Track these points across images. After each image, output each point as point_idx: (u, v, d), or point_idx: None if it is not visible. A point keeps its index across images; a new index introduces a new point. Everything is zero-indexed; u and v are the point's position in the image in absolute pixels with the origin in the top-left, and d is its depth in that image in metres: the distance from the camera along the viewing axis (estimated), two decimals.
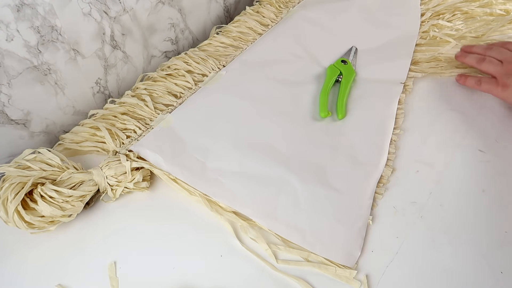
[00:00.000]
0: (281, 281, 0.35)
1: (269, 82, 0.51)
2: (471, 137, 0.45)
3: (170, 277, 0.35)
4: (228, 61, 0.54)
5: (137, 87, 0.50)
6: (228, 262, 0.36)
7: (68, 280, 0.35)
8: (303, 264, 0.35)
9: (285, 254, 0.36)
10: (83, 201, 0.38)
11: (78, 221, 0.39)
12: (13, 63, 0.39)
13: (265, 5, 0.62)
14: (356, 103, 0.49)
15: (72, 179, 0.38)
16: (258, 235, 0.37)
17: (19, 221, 0.35)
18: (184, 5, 0.56)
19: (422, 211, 0.39)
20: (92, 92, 0.49)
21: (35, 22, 0.39)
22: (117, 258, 0.36)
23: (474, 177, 0.42)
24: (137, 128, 0.45)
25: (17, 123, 0.42)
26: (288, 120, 0.47)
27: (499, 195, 0.40)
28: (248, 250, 0.37)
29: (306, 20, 0.60)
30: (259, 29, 0.59)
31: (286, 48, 0.56)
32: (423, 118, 0.47)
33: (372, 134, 0.45)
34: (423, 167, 0.43)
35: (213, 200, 0.40)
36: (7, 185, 0.35)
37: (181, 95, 0.49)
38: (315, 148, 0.44)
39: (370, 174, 0.41)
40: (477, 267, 0.35)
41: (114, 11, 0.46)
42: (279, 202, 0.39)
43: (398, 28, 0.59)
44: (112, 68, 0.50)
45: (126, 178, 0.40)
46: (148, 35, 0.53)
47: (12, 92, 0.40)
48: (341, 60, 0.53)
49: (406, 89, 0.50)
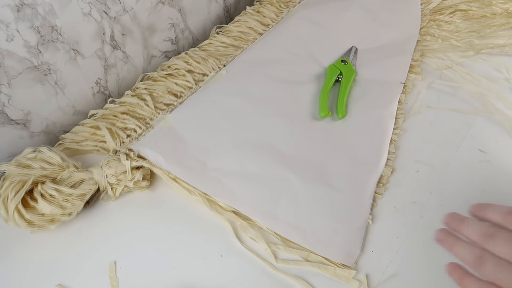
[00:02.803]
0: (281, 280, 0.35)
1: (270, 81, 0.51)
2: (471, 137, 0.45)
3: (170, 277, 0.35)
4: (229, 61, 0.54)
5: (137, 87, 0.50)
6: (228, 262, 0.36)
7: (68, 280, 0.35)
8: (302, 264, 0.35)
9: (285, 253, 0.36)
10: (83, 200, 0.38)
11: (78, 220, 0.39)
12: (13, 63, 0.39)
13: (266, 5, 0.62)
14: (356, 103, 0.49)
15: (73, 177, 0.38)
16: (258, 235, 0.37)
17: (19, 220, 0.35)
18: (184, 5, 0.56)
19: (422, 211, 0.39)
20: (92, 92, 0.49)
21: (35, 22, 0.39)
22: (117, 258, 0.36)
23: (474, 177, 0.42)
24: (137, 127, 0.45)
25: (17, 123, 0.42)
26: (288, 119, 0.47)
27: (499, 195, 0.40)
28: (248, 249, 0.37)
29: (306, 20, 0.60)
30: (260, 29, 0.59)
31: (286, 47, 0.56)
32: (423, 118, 0.47)
33: (372, 134, 0.45)
34: (423, 167, 0.42)
35: (213, 199, 0.40)
36: (7, 183, 0.35)
37: (181, 95, 0.49)
38: (315, 148, 0.44)
39: (370, 174, 0.41)
40: None
41: (114, 11, 0.46)
42: (279, 201, 0.39)
43: (398, 28, 0.59)
44: (112, 68, 0.50)
45: (126, 177, 0.40)
46: (148, 35, 0.53)
47: (12, 92, 0.40)
48: (341, 60, 0.53)
49: (406, 89, 0.50)
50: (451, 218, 0.30)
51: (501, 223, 0.28)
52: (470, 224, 0.29)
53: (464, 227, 0.29)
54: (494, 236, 0.27)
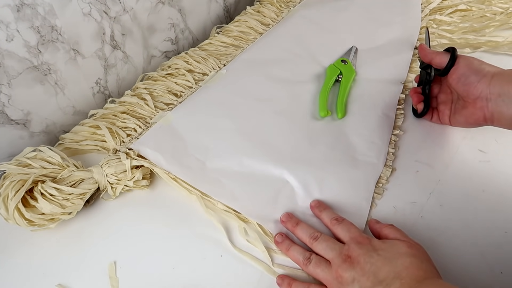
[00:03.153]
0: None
1: (270, 81, 0.51)
2: (471, 137, 0.45)
3: (170, 277, 0.35)
4: (229, 60, 0.54)
5: (137, 87, 0.50)
6: (228, 262, 0.36)
7: (68, 280, 0.35)
8: (299, 271, 0.35)
9: (282, 257, 0.36)
10: (83, 199, 0.38)
11: (78, 219, 0.39)
12: (13, 63, 0.39)
13: (266, 5, 0.63)
14: (356, 103, 0.49)
15: (72, 177, 0.38)
16: (256, 237, 0.37)
17: (19, 219, 0.35)
18: (184, 5, 0.56)
19: (422, 211, 0.39)
20: (92, 92, 0.49)
21: (35, 22, 0.39)
22: (117, 258, 0.36)
23: (474, 177, 0.41)
24: (137, 127, 0.45)
25: (17, 123, 0.42)
26: (288, 119, 0.47)
27: (499, 195, 0.40)
28: (244, 253, 0.36)
29: (306, 19, 0.60)
30: (260, 29, 0.59)
31: (286, 47, 0.56)
32: (423, 118, 0.47)
33: (371, 134, 0.45)
34: (423, 167, 0.42)
35: (213, 199, 0.40)
36: (7, 182, 0.35)
37: (181, 94, 0.49)
38: (315, 147, 0.44)
39: (369, 174, 0.41)
40: (477, 267, 0.35)
41: (114, 11, 0.46)
42: (279, 202, 0.39)
43: (398, 28, 0.58)
44: (112, 68, 0.50)
45: (126, 176, 0.40)
46: (148, 35, 0.53)
47: (12, 92, 0.40)
48: (341, 59, 0.53)
49: (406, 89, 0.50)
50: (287, 219, 0.37)
51: (328, 225, 0.36)
52: (302, 228, 0.36)
53: (297, 230, 0.36)
54: (317, 238, 0.34)
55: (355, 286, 0.30)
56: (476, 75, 0.39)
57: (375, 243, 0.33)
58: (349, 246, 0.33)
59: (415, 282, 0.29)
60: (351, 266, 0.31)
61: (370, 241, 0.33)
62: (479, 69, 0.39)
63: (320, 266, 0.33)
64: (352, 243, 0.33)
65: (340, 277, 0.31)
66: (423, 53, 0.44)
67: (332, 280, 0.32)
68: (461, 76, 0.40)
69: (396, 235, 0.34)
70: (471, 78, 0.39)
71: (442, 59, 0.42)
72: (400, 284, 0.29)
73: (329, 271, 0.32)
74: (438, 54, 0.42)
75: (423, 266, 0.30)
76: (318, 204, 0.38)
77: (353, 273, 0.31)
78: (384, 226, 0.35)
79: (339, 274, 0.31)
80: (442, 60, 0.41)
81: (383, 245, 0.32)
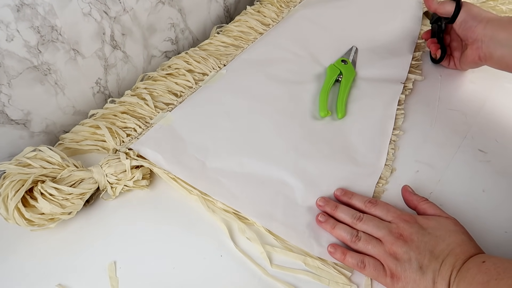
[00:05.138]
0: (280, 282, 0.35)
1: (270, 81, 0.51)
2: (471, 137, 0.45)
3: (170, 277, 0.35)
4: (229, 60, 0.54)
5: (137, 87, 0.50)
6: (228, 262, 0.36)
7: (68, 280, 0.35)
8: (297, 272, 0.35)
9: (281, 256, 0.36)
10: (83, 199, 0.38)
11: (78, 219, 0.39)
12: (13, 63, 0.39)
13: (266, 5, 0.62)
14: (356, 103, 0.49)
15: (72, 177, 0.38)
16: (255, 237, 0.37)
17: (19, 218, 0.35)
18: (184, 5, 0.56)
19: None
20: (92, 92, 0.49)
21: (35, 22, 0.39)
22: (117, 258, 0.36)
23: (474, 177, 0.41)
24: (137, 127, 0.45)
25: (17, 123, 0.42)
26: (288, 119, 0.47)
27: (499, 195, 0.40)
28: (243, 253, 0.36)
29: (307, 19, 0.60)
30: (260, 29, 0.59)
31: (286, 47, 0.56)
32: (423, 118, 0.47)
33: (371, 134, 0.45)
34: (423, 167, 0.42)
35: (212, 199, 0.40)
36: (7, 182, 0.35)
37: (181, 94, 0.49)
38: (315, 147, 0.44)
39: (369, 174, 0.41)
40: None
41: (114, 11, 0.46)
42: (278, 202, 0.39)
43: (399, 28, 0.58)
44: (112, 68, 0.50)
45: (126, 176, 0.40)
46: (148, 35, 0.53)
47: (12, 92, 0.40)
48: (342, 59, 0.53)
49: (406, 89, 0.50)
50: (324, 203, 0.38)
51: (363, 209, 0.37)
52: (343, 210, 0.37)
53: (338, 212, 0.37)
54: (361, 219, 0.36)
55: (413, 263, 0.32)
56: (474, 20, 0.46)
57: (421, 221, 0.34)
58: (398, 224, 0.34)
59: (468, 257, 0.31)
60: (405, 244, 0.33)
61: (415, 219, 0.35)
62: (477, 14, 0.46)
63: (371, 243, 0.34)
64: (400, 222, 0.34)
65: (395, 254, 0.33)
66: (428, 3, 0.49)
67: (386, 256, 0.33)
68: (463, 22, 0.47)
69: (436, 211, 0.36)
70: (470, 23, 0.46)
71: (447, 8, 0.48)
72: (455, 260, 0.31)
73: (381, 247, 0.34)
74: (443, 3, 0.48)
75: (472, 243, 0.33)
76: (344, 192, 0.39)
77: (409, 250, 0.32)
78: (421, 200, 0.37)
79: (393, 250, 0.33)
80: (447, 9, 0.48)
81: (430, 223, 0.34)
